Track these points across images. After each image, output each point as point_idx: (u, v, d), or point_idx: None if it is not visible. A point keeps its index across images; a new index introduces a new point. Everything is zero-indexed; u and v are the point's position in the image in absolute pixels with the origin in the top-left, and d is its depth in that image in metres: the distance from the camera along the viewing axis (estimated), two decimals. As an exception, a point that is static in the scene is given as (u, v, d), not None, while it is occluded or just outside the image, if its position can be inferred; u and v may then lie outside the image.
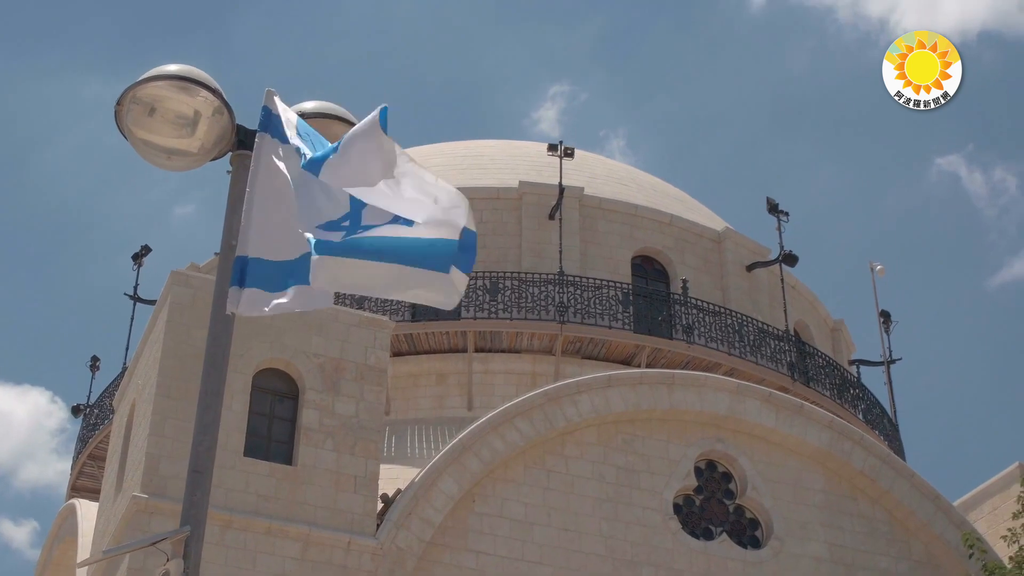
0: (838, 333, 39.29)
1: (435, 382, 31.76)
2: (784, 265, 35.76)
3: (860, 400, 35.24)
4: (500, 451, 26.15)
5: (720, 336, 32.71)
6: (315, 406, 24.98)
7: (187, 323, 24.76)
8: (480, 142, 41.05)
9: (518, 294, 31.98)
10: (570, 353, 32.00)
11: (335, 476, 24.50)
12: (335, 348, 25.62)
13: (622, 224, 34.97)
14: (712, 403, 28.26)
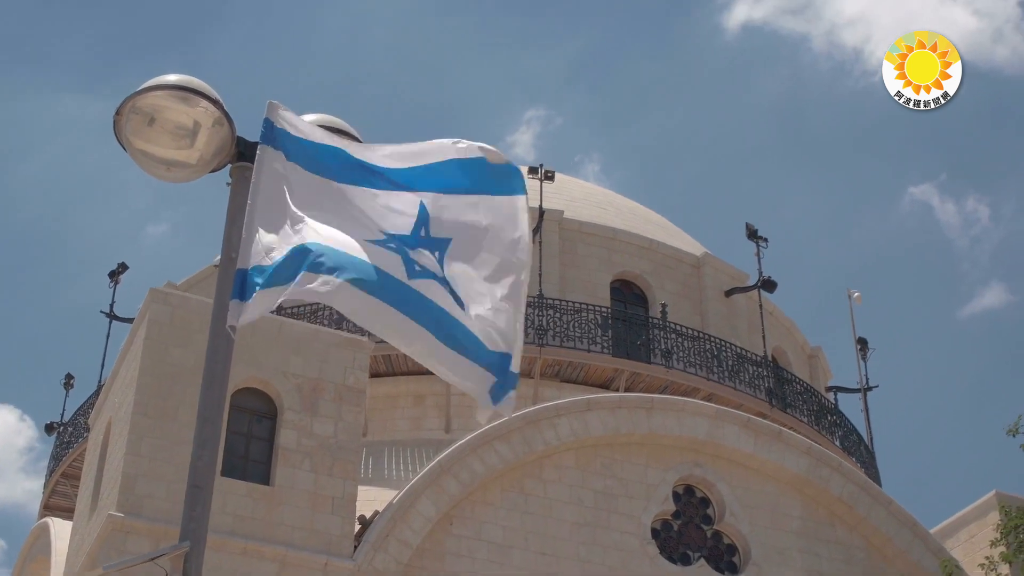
0: (815, 360, 39.34)
1: (412, 404, 31.63)
2: (763, 291, 35.79)
3: (837, 427, 35.26)
4: (479, 473, 26.05)
5: (699, 361, 32.69)
6: (293, 426, 24.83)
7: (165, 341, 24.60)
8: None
9: (497, 316, 31.85)
10: (549, 376, 31.92)
11: (312, 497, 24.34)
12: (314, 368, 25.49)
13: (601, 248, 34.97)
14: (691, 428, 28.23)
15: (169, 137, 7.26)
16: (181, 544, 6.57)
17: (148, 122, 7.21)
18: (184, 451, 23.71)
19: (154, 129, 7.22)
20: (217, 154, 7.34)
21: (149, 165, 7.28)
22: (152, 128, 7.21)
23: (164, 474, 23.38)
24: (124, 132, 7.24)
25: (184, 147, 7.27)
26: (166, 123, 7.22)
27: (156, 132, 7.22)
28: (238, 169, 7.35)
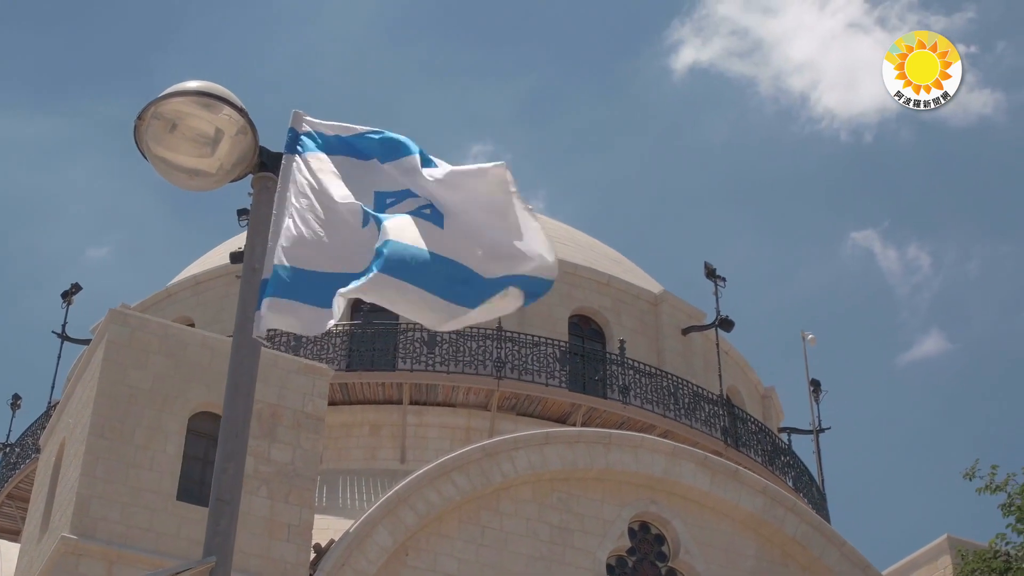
0: (768, 400, 39.48)
1: (368, 433, 31.43)
2: (720, 330, 35.92)
3: (790, 468, 35.37)
4: (436, 505, 25.89)
5: (656, 398, 32.72)
6: (251, 452, 24.50)
7: (123, 362, 24.33)
8: (420, 195, 40.95)
9: (456, 348, 31.81)
10: (505, 409, 31.83)
11: (269, 524, 24.09)
12: (273, 394, 25.28)
13: (561, 282, 34.93)
14: (648, 464, 28.20)
15: (190, 145, 7.15)
16: (206, 559, 6.45)
17: (169, 128, 7.10)
18: (140, 474, 23.45)
19: (175, 136, 7.10)
20: (238, 164, 7.23)
21: (169, 173, 7.17)
22: (173, 135, 7.10)
23: (119, 496, 23.08)
24: (144, 138, 7.12)
25: (204, 155, 7.16)
26: (188, 130, 7.10)
27: (177, 139, 7.11)
28: (260, 179, 7.25)
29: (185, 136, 7.13)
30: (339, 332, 32.25)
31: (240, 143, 7.18)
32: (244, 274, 7.10)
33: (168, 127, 7.11)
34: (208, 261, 37.95)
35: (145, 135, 7.13)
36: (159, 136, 7.12)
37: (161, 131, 7.12)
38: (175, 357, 24.80)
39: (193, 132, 7.12)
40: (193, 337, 25.31)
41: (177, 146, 7.15)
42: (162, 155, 7.14)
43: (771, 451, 34.99)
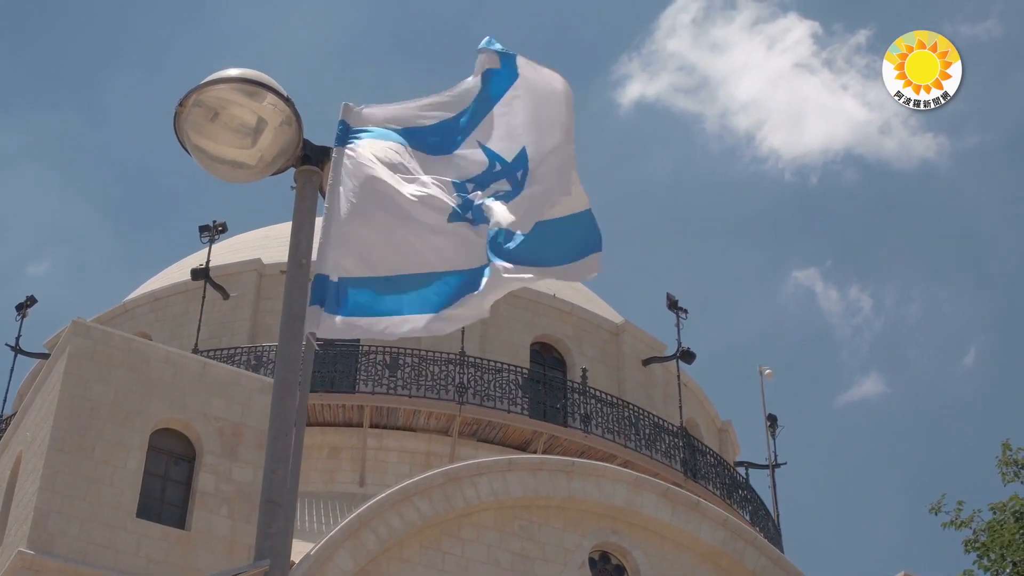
0: (725, 434, 39.46)
1: (327, 455, 31.08)
2: (681, 362, 35.88)
3: (748, 502, 35.31)
4: (398, 529, 25.60)
5: (617, 428, 32.60)
6: (212, 470, 24.23)
7: (85, 375, 23.93)
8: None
9: (418, 371, 31.56)
10: (466, 435, 31.60)
11: (229, 544, 23.72)
12: (236, 412, 24.95)
13: (524, 310, 34.83)
14: (610, 494, 28.04)
15: (231, 135, 6.89)
16: (260, 562, 6.22)
17: (211, 117, 6.85)
18: (100, 489, 23.03)
19: (216, 125, 6.86)
20: (280, 156, 6.98)
21: (209, 163, 6.93)
22: (214, 124, 6.85)
23: (78, 512, 22.64)
24: (184, 126, 6.87)
25: (244, 146, 6.91)
26: (230, 119, 6.85)
27: (217, 128, 6.87)
28: (304, 173, 7.01)
29: (227, 125, 6.88)
30: (300, 352, 31.89)
31: (283, 134, 6.93)
32: (290, 269, 6.87)
33: (209, 115, 6.86)
34: (167, 277, 37.52)
35: (184, 123, 6.88)
36: (199, 125, 6.87)
37: (202, 119, 6.87)
38: (138, 372, 24.42)
39: (235, 122, 6.87)
40: (156, 352, 24.94)
41: (217, 135, 6.90)
42: (201, 145, 6.89)
43: (729, 485, 34.94)
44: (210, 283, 33.36)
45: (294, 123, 6.94)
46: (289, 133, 6.95)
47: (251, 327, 33.38)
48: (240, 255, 35.65)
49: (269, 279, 34.35)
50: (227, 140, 6.92)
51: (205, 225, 33.73)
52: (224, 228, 33.76)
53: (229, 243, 36.09)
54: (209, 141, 6.92)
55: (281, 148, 6.96)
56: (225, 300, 33.59)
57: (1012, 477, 23.66)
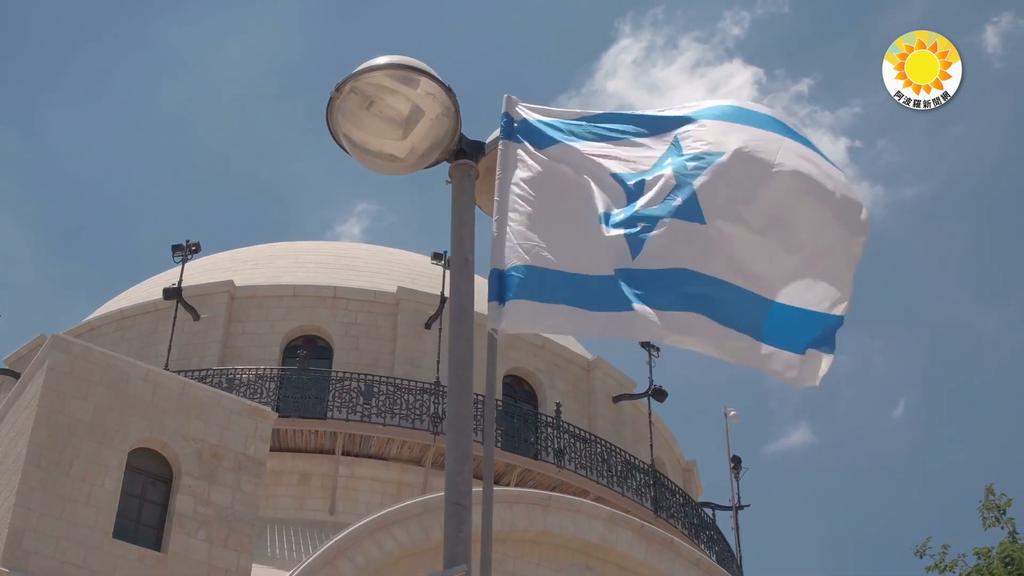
0: (689, 474, 39.36)
1: (298, 481, 30.63)
2: (652, 400, 35.76)
3: (715, 543, 35.18)
4: (374, 559, 25.22)
5: (589, 464, 32.39)
6: (190, 492, 23.73)
7: (64, 391, 23.39)
8: (353, 244, 40.57)
9: (392, 400, 31.22)
10: (438, 465, 31.24)
11: (206, 567, 23.22)
12: (215, 434, 24.48)
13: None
14: (586, 530, 27.80)
15: (384, 125, 6.62)
16: (458, 567, 5.96)
17: (366, 105, 6.58)
18: (76, 508, 22.50)
19: (370, 114, 6.60)
20: (434, 149, 6.69)
21: (361, 155, 6.67)
22: (368, 112, 6.60)
23: (54, 530, 22.08)
24: (336, 113, 6.60)
25: (395, 137, 6.65)
26: (385, 109, 6.58)
27: (371, 118, 6.61)
28: (462, 167, 6.75)
29: (381, 115, 6.60)
30: (271, 376, 31.50)
31: (439, 126, 6.65)
32: (455, 265, 6.63)
33: (365, 103, 6.59)
34: (133, 296, 36.99)
35: (336, 111, 6.61)
36: (353, 113, 6.60)
37: (356, 107, 6.60)
38: (117, 389, 23.93)
39: (390, 111, 6.59)
40: (136, 370, 24.45)
41: (369, 125, 6.63)
42: (352, 135, 6.63)
43: (697, 525, 34.80)
44: (181, 303, 32.89)
45: (453, 115, 6.68)
46: (446, 125, 6.67)
47: (221, 349, 32.92)
48: (210, 276, 35.21)
49: (240, 301, 33.95)
50: (379, 130, 6.65)
51: (178, 244, 33.29)
52: (198, 248, 33.35)
53: (198, 264, 35.63)
54: (360, 131, 6.65)
55: (434, 141, 6.69)
56: (196, 321, 33.12)
57: (993, 521, 23.67)
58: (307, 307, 33.85)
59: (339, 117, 6.61)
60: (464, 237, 6.58)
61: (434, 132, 6.65)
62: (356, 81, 6.57)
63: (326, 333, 33.53)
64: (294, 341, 33.49)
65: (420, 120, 6.62)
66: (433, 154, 6.72)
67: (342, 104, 6.59)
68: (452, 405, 6.43)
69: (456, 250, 6.68)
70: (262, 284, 34.58)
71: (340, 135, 6.66)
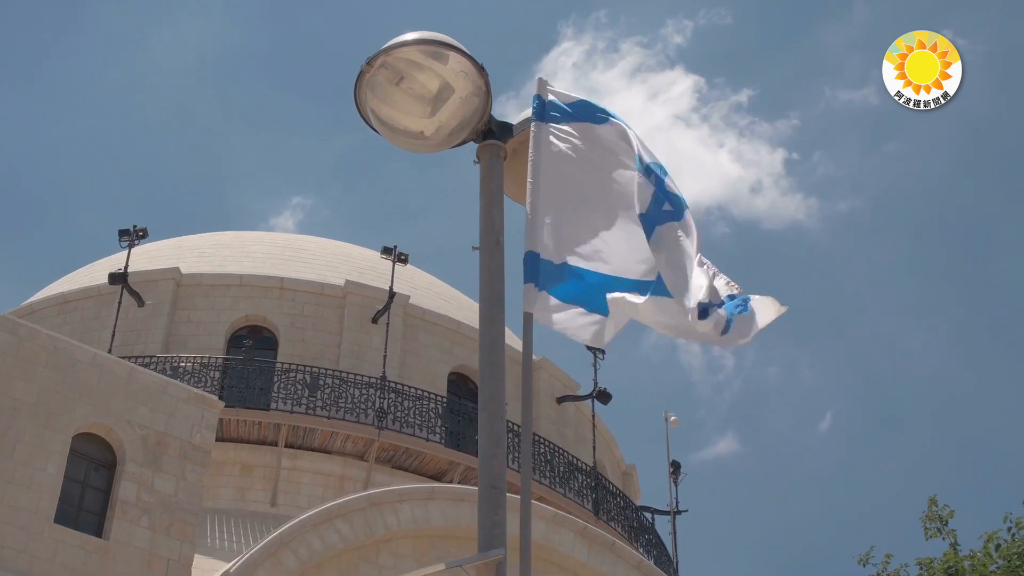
0: (628, 477, 39.43)
1: (240, 472, 30.36)
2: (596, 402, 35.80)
3: (653, 547, 35.27)
4: (318, 551, 25.03)
5: (532, 463, 32.34)
6: (134, 479, 23.45)
7: (9, 373, 23.03)
8: (301, 236, 40.29)
9: (337, 393, 31.02)
10: (382, 461, 31.10)
11: (148, 556, 22.95)
12: (161, 421, 24.21)
13: (443, 339, 34.50)
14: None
15: (412, 102, 6.51)
16: (495, 552, 5.87)
17: (397, 81, 6.47)
18: (18, 492, 22.16)
19: (399, 90, 6.49)
20: (462, 128, 6.59)
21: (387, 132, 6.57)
22: (397, 88, 6.49)
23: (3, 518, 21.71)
24: (364, 88, 6.49)
25: (423, 115, 6.54)
26: (414, 85, 6.47)
27: (399, 94, 6.50)
28: (490, 148, 6.64)
29: (410, 91, 6.49)
30: (216, 365, 31.21)
31: (469, 105, 6.55)
32: (485, 246, 6.53)
33: (395, 79, 6.48)
34: (76, 280, 36.52)
35: (365, 86, 6.50)
36: (382, 89, 6.49)
37: (386, 83, 6.49)
38: (63, 373, 23.60)
39: (420, 88, 6.49)
40: (83, 354, 24.13)
41: (397, 101, 6.53)
42: (379, 111, 6.52)
43: (636, 528, 34.87)
44: (127, 289, 32.51)
45: (484, 94, 6.58)
46: (475, 104, 6.58)
47: (165, 336, 32.58)
48: (155, 263, 34.85)
49: (186, 289, 33.62)
50: (407, 107, 6.55)
51: (125, 229, 32.90)
52: (145, 233, 32.98)
53: (142, 250, 35.24)
54: (388, 107, 6.55)
55: (463, 120, 6.59)
56: (140, 307, 32.75)
57: (935, 532, 23.91)
58: (253, 297, 33.59)
59: (367, 92, 6.50)
60: (494, 218, 6.49)
61: (463, 111, 6.55)
62: (388, 55, 6.45)
63: (272, 324, 33.29)
64: (239, 331, 33.22)
65: (449, 98, 6.51)
66: (461, 133, 6.62)
67: (371, 79, 6.48)
68: (484, 388, 6.37)
69: (486, 232, 6.58)
70: (208, 272, 34.27)
71: (368, 111, 6.56)
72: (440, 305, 36.01)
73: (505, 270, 6.61)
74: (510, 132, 6.71)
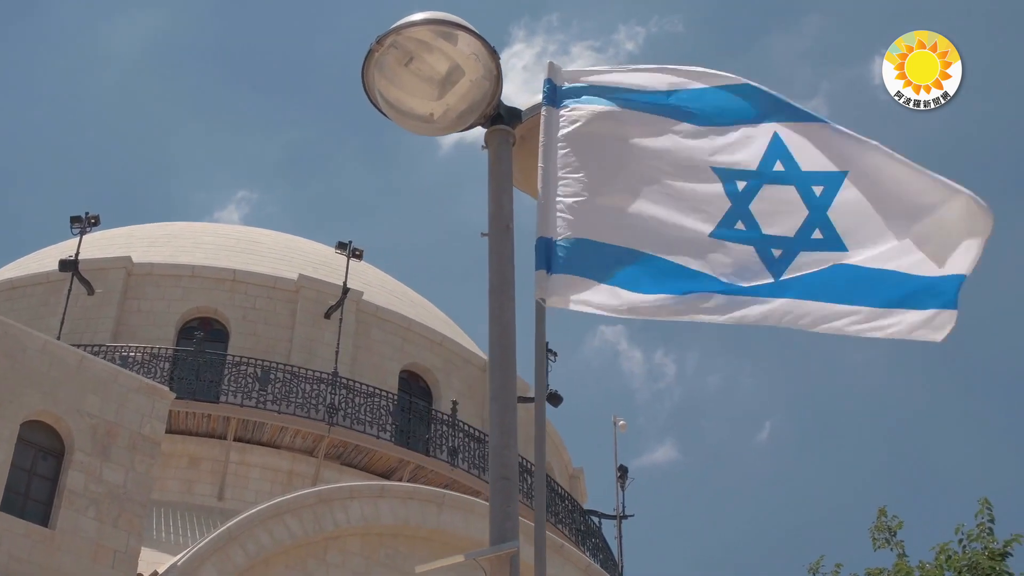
0: (576, 481, 39.40)
1: (187, 465, 30.04)
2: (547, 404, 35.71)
3: (599, 550, 35.25)
4: (266, 546, 24.81)
5: (483, 464, 32.23)
6: (82, 469, 23.14)
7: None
8: (255, 229, 39.93)
9: (288, 388, 30.78)
10: (331, 457, 30.89)
11: (95, 547, 22.65)
12: (111, 411, 23.92)
13: (395, 336, 34.33)
14: (478, 529, 27.61)
15: (420, 83, 6.37)
16: (509, 544, 5.75)
17: (406, 61, 6.34)
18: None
19: (407, 71, 6.37)
20: (470, 112, 6.45)
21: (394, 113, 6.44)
22: (406, 69, 6.36)
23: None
24: (373, 68, 6.36)
25: (430, 97, 6.41)
26: (423, 66, 6.34)
27: (408, 75, 6.36)
28: (499, 133, 6.51)
29: (419, 73, 6.36)
30: (166, 356, 30.90)
31: (479, 89, 6.41)
32: (494, 233, 6.38)
33: (404, 59, 6.35)
34: (26, 266, 36.05)
35: (373, 65, 6.36)
36: (390, 69, 6.36)
37: (395, 63, 6.36)
38: (12, 359, 23.26)
39: (429, 70, 6.36)
40: (33, 341, 23.80)
41: (405, 83, 6.40)
42: (387, 92, 6.40)
43: (584, 532, 34.84)
44: (77, 276, 32.12)
45: (494, 79, 6.45)
46: (485, 88, 6.44)
47: (115, 326, 32.21)
48: (106, 251, 34.45)
49: (137, 278, 33.27)
50: (415, 89, 6.42)
51: (77, 216, 32.53)
52: (97, 221, 32.61)
53: (92, 238, 34.81)
54: (395, 88, 6.41)
55: (471, 104, 6.45)
56: (90, 295, 32.36)
57: (883, 543, 23.98)
58: (205, 289, 33.29)
59: (375, 72, 6.38)
60: (504, 204, 6.35)
61: (472, 94, 6.41)
62: (399, 35, 6.33)
63: (223, 316, 33.00)
64: (190, 322, 32.90)
65: (458, 81, 6.38)
66: (469, 117, 6.48)
67: (380, 59, 6.36)
68: (496, 377, 6.23)
69: (495, 218, 6.43)
70: (160, 262, 33.93)
71: (375, 91, 6.43)
72: (392, 302, 35.84)
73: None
74: (519, 118, 6.60)
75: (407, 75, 6.38)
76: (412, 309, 36.48)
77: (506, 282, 6.25)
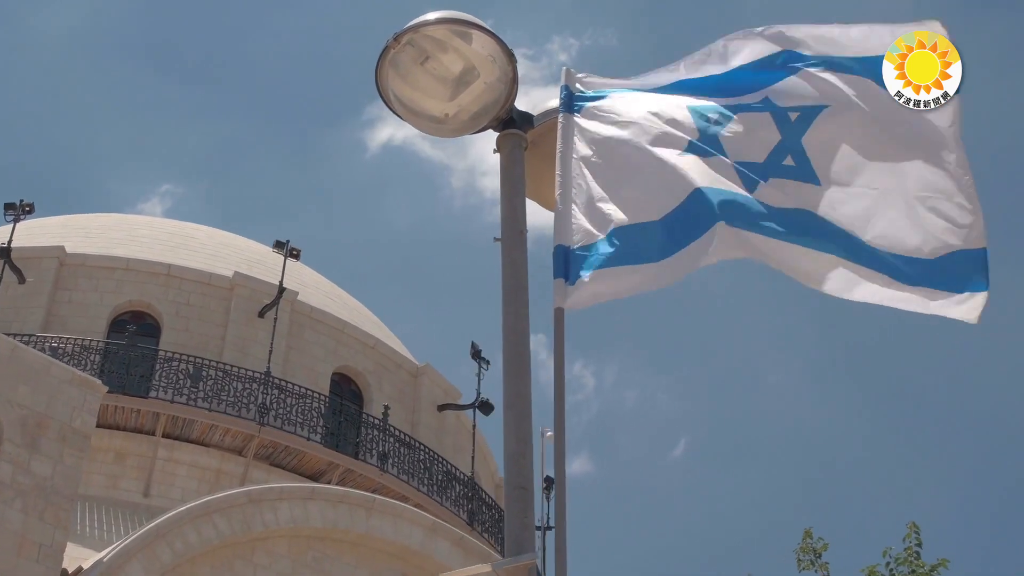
0: (501, 490, 39.40)
1: (113, 460, 29.68)
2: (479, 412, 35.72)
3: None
4: (193, 545, 24.58)
5: (411, 470, 32.17)
6: (10, 460, 22.79)
7: None
8: (191, 224, 39.55)
9: (220, 386, 30.52)
10: (260, 457, 30.66)
11: (20, 540, 22.30)
12: (41, 402, 23.59)
13: (328, 337, 34.18)
14: (406, 536, 27.57)
15: (433, 83, 6.31)
16: (527, 555, 5.71)
17: (421, 60, 6.28)
18: None
19: (422, 69, 6.30)
20: (482, 115, 6.38)
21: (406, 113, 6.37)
22: (421, 68, 6.30)
23: None
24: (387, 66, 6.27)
25: (442, 98, 6.34)
26: (438, 66, 6.27)
27: (422, 74, 6.29)
28: (512, 137, 6.45)
29: (433, 72, 6.29)
30: (97, 348, 30.53)
31: (493, 92, 6.34)
32: (507, 238, 6.30)
33: (420, 58, 6.27)
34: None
35: (388, 64, 6.28)
36: (405, 67, 6.29)
37: (410, 61, 6.28)
38: (-57, 346, 22.90)
39: (443, 70, 6.29)
40: (-35, 328, 23.45)
41: (419, 82, 6.33)
42: (400, 91, 6.33)
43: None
44: (9, 264, 31.67)
45: (510, 82, 6.38)
46: (499, 91, 6.37)
47: (45, 316, 31.79)
48: (38, 240, 34.00)
49: (70, 269, 32.86)
50: (428, 88, 6.35)
51: (11, 203, 32.08)
52: (31, 208, 32.18)
53: (25, 226, 34.31)
54: (409, 87, 6.34)
55: (484, 106, 6.38)
56: (21, 284, 31.92)
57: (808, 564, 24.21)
58: (139, 282, 32.95)
59: (390, 70, 6.31)
60: (517, 209, 6.31)
61: (485, 97, 6.35)
62: (416, 33, 6.26)
63: (156, 311, 32.68)
64: (122, 315, 32.54)
65: (472, 82, 6.32)
66: (481, 120, 6.40)
67: (395, 56, 6.30)
68: (510, 385, 6.13)
69: (508, 222, 6.36)
70: (94, 254, 33.53)
71: (388, 90, 6.36)
72: (327, 304, 35.69)
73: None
74: (531, 123, 6.55)
75: (421, 74, 6.32)
76: (346, 311, 36.35)
77: (520, 288, 6.20)
